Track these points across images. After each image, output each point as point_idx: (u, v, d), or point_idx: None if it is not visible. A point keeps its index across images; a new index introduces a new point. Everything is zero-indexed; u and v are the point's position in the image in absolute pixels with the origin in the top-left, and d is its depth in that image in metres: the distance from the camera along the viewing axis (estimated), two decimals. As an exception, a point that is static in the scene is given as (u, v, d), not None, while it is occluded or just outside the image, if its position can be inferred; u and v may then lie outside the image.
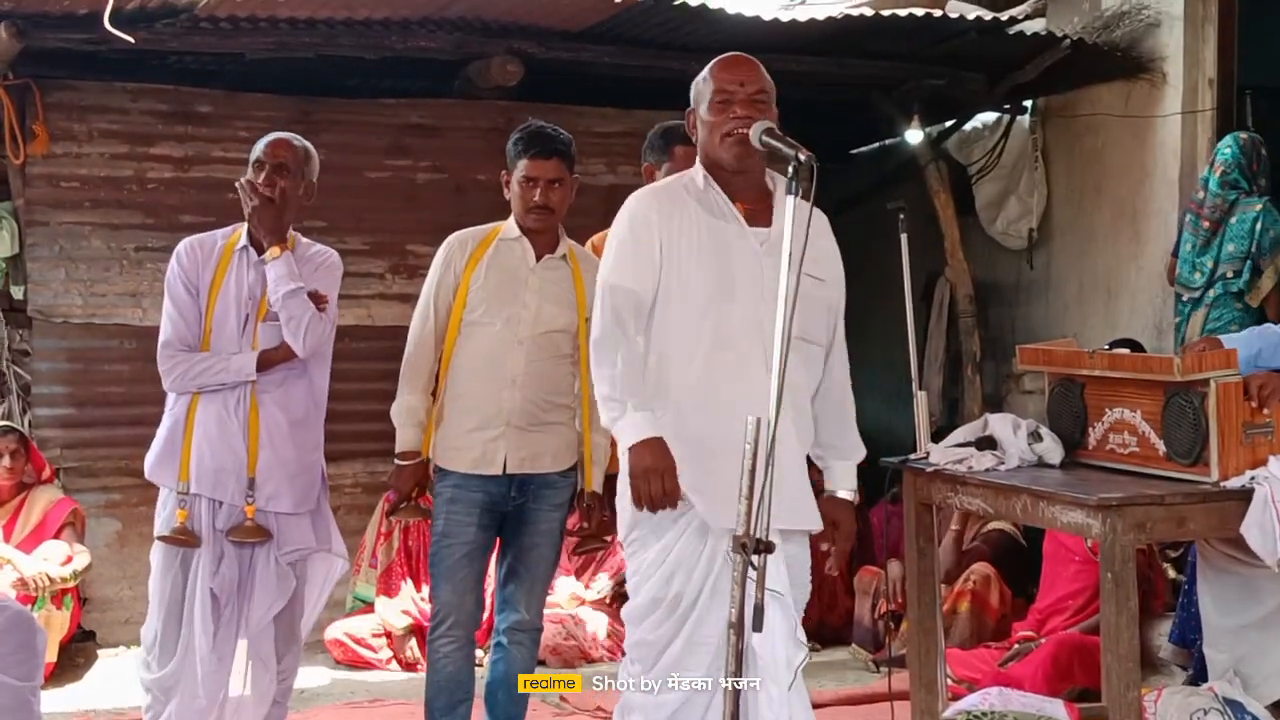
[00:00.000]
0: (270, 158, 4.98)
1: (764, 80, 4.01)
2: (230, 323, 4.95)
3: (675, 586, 3.94)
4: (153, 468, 5.01)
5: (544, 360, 4.99)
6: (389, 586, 7.48)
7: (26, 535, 7.04)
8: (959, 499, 4.99)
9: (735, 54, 4.08)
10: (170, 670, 4.87)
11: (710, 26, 7.41)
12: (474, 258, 5.00)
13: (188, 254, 5.00)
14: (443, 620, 5.01)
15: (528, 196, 4.95)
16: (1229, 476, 4.48)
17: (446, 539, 4.99)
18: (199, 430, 4.92)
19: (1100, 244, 8.58)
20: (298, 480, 5.01)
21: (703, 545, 3.92)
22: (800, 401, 4.01)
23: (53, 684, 6.59)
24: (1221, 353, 4.62)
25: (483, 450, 4.96)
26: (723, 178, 4.02)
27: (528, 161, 4.94)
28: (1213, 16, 7.92)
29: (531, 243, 5.02)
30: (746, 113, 3.92)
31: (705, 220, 3.98)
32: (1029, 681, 6.33)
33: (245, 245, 5.00)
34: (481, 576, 5.11)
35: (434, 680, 5.04)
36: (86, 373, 7.51)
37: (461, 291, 4.99)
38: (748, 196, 4.02)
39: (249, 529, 4.92)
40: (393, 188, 8.13)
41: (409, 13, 7.18)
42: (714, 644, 3.88)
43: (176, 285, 4.97)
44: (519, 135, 5.02)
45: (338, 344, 7.73)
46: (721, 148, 3.96)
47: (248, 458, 4.92)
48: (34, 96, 7.40)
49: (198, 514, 4.90)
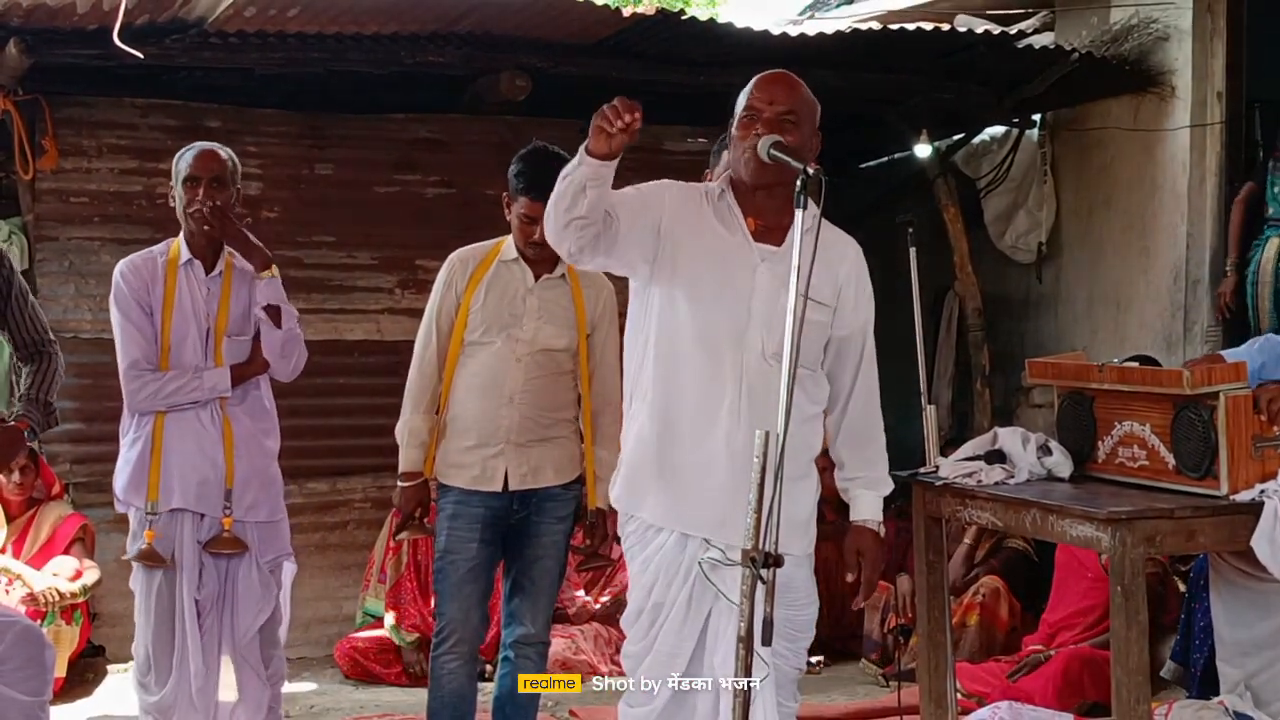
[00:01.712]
0: (205, 171, 4.95)
1: (796, 100, 3.94)
2: (190, 339, 4.96)
3: (655, 596, 3.94)
4: (125, 491, 5.02)
5: (543, 377, 4.99)
6: (398, 601, 7.48)
7: (36, 551, 7.05)
8: (968, 513, 4.98)
9: (775, 72, 4.01)
10: (168, 691, 4.89)
11: (719, 41, 7.42)
12: (474, 278, 5.01)
13: (133, 274, 4.99)
14: (447, 637, 5.01)
15: (527, 234, 4.93)
16: (1239, 490, 4.47)
17: (449, 555, 5.00)
18: (173, 448, 4.93)
19: (1109, 257, 8.58)
20: (270, 488, 5.09)
21: (682, 555, 3.91)
22: None
23: (62, 699, 6.59)
24: (1230, 366, 4.62)
25: (482, 467, 4.97)
26: (743, 193, 3.99)
27: (528, 201, 4.89)
28: (1221, 30, 7.93)
29: (530, 265, 5.02)
30: (769, 131, 3.86)
31: (711, 226, 3.97)
32: (1039, 695, 6.32)
33: (189, 260, 4.99)
34: (487, 592, 5.10)
35: (437, 696, 5.04)
36: (96, 388, 7.50)
37: (462, 312, 5.00)
38: (765, 214, 3.96)
39: (227, 540, 4.96)
40: (401, 203, 8.15)
41: (418, 28, 7.19)
42: (688, 654, 3.88)
43: (130, 305, 4.96)
44: (520, 167, 4.97)
45: (346, 358, 7.83)
46: (740, 163, 3.93)
47: (226, 469, 4.96)
48: (43, 112, 7.41)
49: (178, 530, 4.93)
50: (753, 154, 3.85)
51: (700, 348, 3.90)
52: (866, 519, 4.13)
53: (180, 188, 4.97)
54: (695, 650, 3.90)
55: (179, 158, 5.03)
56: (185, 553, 4.92)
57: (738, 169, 3.96)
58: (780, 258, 3.83)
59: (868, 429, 4.16)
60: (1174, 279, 8.05)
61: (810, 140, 3.94)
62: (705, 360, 3.90)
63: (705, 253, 3.94)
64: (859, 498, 4.16)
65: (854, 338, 4.08)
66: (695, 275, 3.91)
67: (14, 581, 6.76)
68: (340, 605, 7.88)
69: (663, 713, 3.93)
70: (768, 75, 4.00)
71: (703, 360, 3.90)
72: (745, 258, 3.94)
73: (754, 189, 3.95)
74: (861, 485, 4.15)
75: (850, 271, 4.07)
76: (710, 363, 3.89)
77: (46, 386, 5.01)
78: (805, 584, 4.08)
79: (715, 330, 3.90)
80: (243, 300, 5.07)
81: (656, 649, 3.93)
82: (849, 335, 4.07)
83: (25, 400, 4.96)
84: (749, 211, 3.97)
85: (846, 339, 4.07)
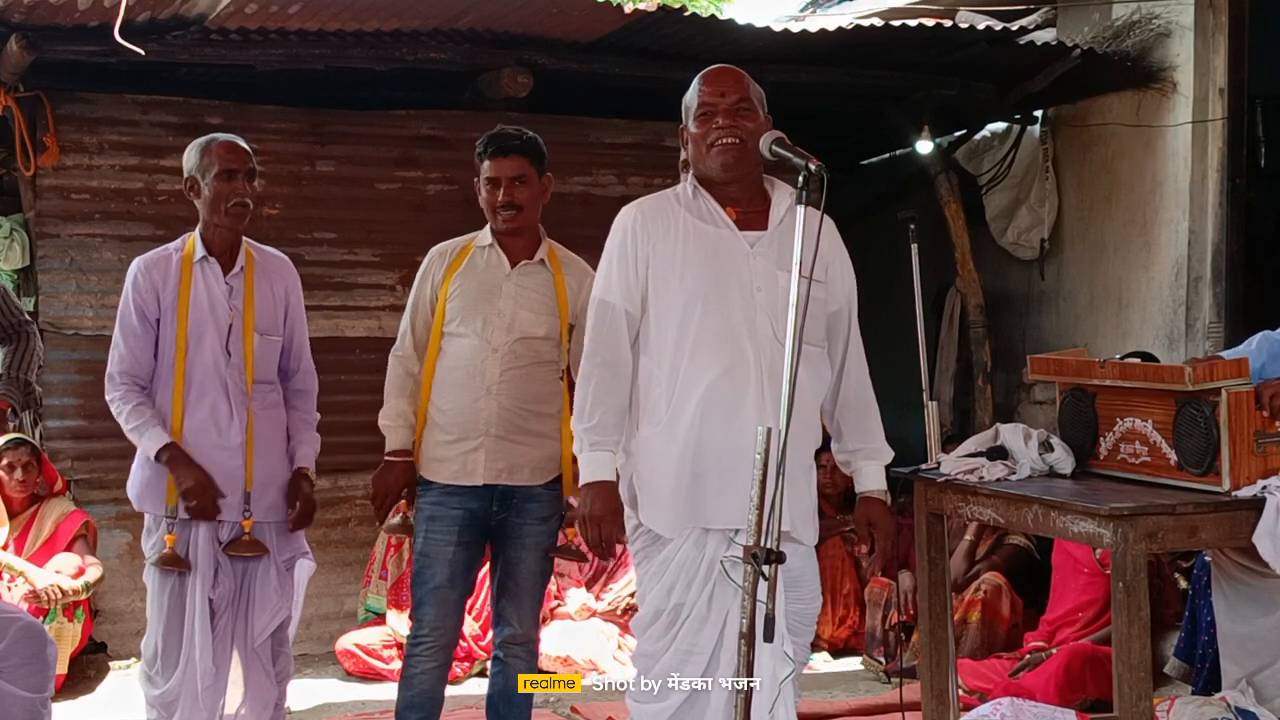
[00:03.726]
0: (241, 164, 4.93)
1: (746, 88, 4.03)
2: (208, 337, 4.90)
3: (675, 598, 3.95)
4: (140, 496, 4.96)
5: (522, 367, 4.95)
6: (399, 598, 7.47)
7: (39, 548, 7.05)
8: (970, 509, 4.98)
9: (718, 66, 4.12)
10: (172, 685, 4.87)
11: (720, 38, 7.42)
12: (451, 268, 4.99)
13: (144, 276, 4.93)
14: (423, 640, 4.98)
15: (492, 198, 4.92)
16: (1240, 486, 4.48)
17: (426, 559, 4.97)
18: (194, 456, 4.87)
19: (1111, 254, 8.57)
20: (285, 489, 5.06)
21: (701, 556, 3.92)
22: (800, 406, 3.82)
23: (64, 696, 6.60)
24: (1232, 362, 4.62)
25: (462, 462, 4.94)
26: (713, 187, 4.05)
27: (489, 163, 4.92)
28: (1223, 26, 7.93)
29: (506, 248, 4.99)
30: (729, 122, 3.96)
31: (694, 226, 4.02)
32: (1040, 692, 6.32)
33: (205, 257, 4.94)
34: (465, 595, 5.06)
35: (406, 695, 5.02)
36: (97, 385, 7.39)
37: (440, 303, 4.97)
38: (741, 202, 4.05)
39: (247, 543, 4.93)
40: (403, 199, 8.15)
41: (419, 24, 7.20)
42: (708, 653, 3.90)
43: (130, 315, 4.91)
44: (480, 140, 4.99)
45: (348, 355, 7.82)
46: (707, 158, 4.00)
47: (245, 471, 4.92)
48: (45, 109, 7.41)
49: (194, 533, 4.89)
50: (725, 147, 3.94)
51: (715, 345, 3.93)
52: (873, 490, 4.19)
53: (212, 180, 4.90)
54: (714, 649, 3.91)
55: (202, 150, 4.95)
56: (201, 555, 4.88)
57: (703, 165, 4.04)
58: (769, 240, 3.94)
59: (863, 399, 4.22)
60: (1176, 275, 8.05)
61: (765, 123, 4.02)
62: (722, 355, 3.93)
63: (695, 254, 3.98)
64: (862, 470, 4.21)
65: (842, 311, 4.16)
66: (693, 277, 3.95)
67: (16, 578, 6.77)
68: (341, 602, 7.87)
69: (678, 710, 3.94)
70: (712, 70, 4.09)
71: (719, 356, 3.93)
72: (736, 248, 3.99)
73: (727, 182, 4.02)
74: (864, 457, 4.21)
75: (831, 245, 4.13)
76: (727, 357, 3.93)
77: (25, 365, 5.02)
78: (813, 578, 4.11)
79: (726, 324, 3.93)
80: (269, 297, 5.03)
81: (675, 647, 3.95)
82: (838, 309, 4.15)
83: (4, 380, 4.98)
84: (725, 202, 4.04)
85: (836, 313, 4.14)
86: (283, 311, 5.09)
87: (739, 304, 3.93)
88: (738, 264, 3.96)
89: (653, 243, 4.01)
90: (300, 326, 5.17)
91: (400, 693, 5.05)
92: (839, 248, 4.18)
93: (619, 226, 4.10)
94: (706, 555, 3.91)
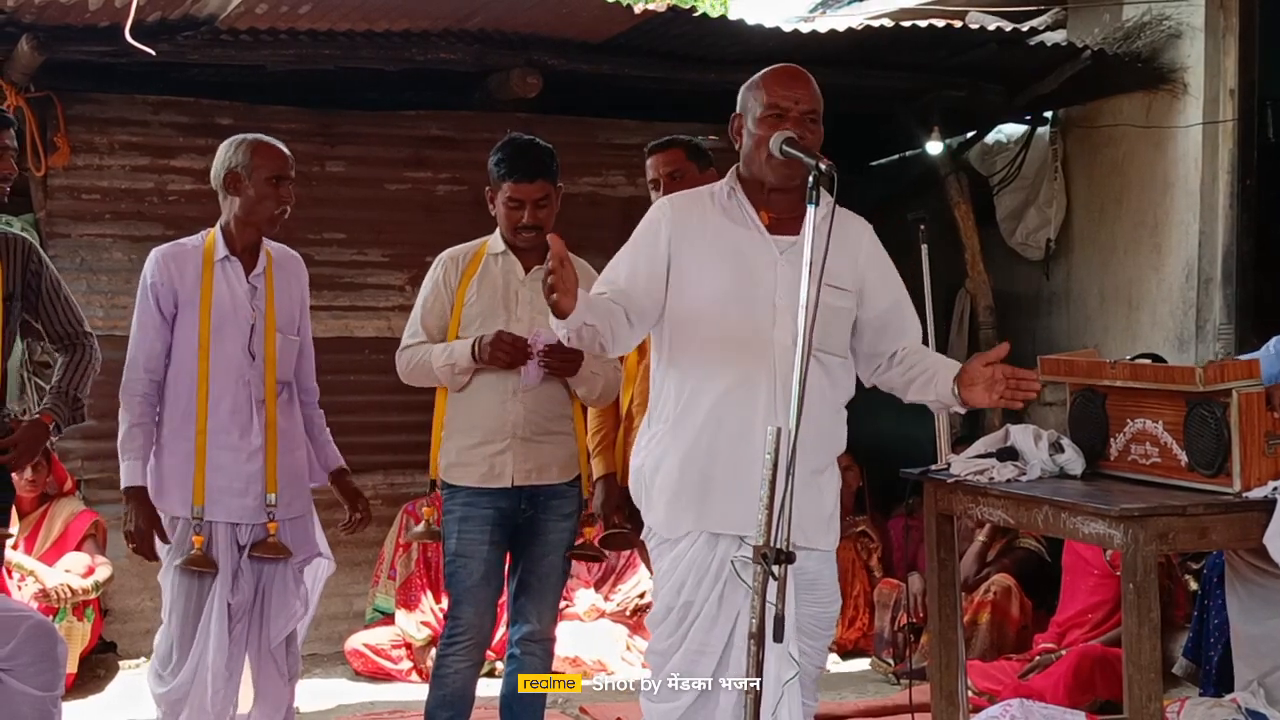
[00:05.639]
0: (290, 170, 4.93)
1: (817, 98, 3.92)
2: (229, 337, 4.86)
3: (685, 595, 3.94)
4: (163, 498, 4.90)
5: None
6: (408, 598, 7.49)
7: (48, 547, 7.07)
8: (980, 510, 4.97)
9: (789, 66, 3.97)
10: (180, 682, 4.83)
11: (730, 38, 7.42)
12: (466, 275, 4.99)
13: (161, 268, 4.86)
14: (458, 638, 4.98)
15: (514, 219, 4.92)
16: (1251, 487, 4.46)
17: (461, 558, 4.96)
18: (213, 459, 4.84)
19: (1121, 255, 8.56)
20: (300, 483, 5.06)
21: (712, 555, 3.91)
22: (813, 414, 3.72)
23: (74, 695, 6.61)
24: (1243, 363, 4.61)
25: (489, 465, 4.94)
26: (756, 189, 3.96)
27: (512, 184, 4.89)
28: (1234, 27, 7.92)
29: (519, 256, 5.00)
30: (799, 132, 3.82)
31: (724, 226, 3.95)
32: (1050, 693, 6.31)
33: (227, 256, 4.90)
34: (497, 594, 5.08)
35: (438, 694, 5.02)
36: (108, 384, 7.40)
37: (457, 309, 4.97)
38: (779, 208, 3.94)
39: (272, 545, 4.90)
40: (413, 200, 8.16)
41: (429, 25, 7.20)
42: (718, 652, 3.89)
43: (150, 308, 4.86)
44: (500, 155, 4.94)
45: (357, 355, 7.83)
46: (767, 165, 3.87)
47: (266, 473, 4.89)
48: (55, 109, 7.43)
49: (214, 534, 4.85)
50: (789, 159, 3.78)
51: (730, 348, 3.89)
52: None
53: (260, 183, 4.84)
54: (724, 649, 3.90)
55: (251, 150, 4.86)
56: (222, 558, 4.85)
57: (760, 169, 3.92)
58: (799, 248, 3.78)
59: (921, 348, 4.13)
60: (1186, 277, 8.04)
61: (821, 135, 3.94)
62: (737, 359, 3.88)
63: (721, 254, 3.93)
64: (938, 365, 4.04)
65: (891, 310, 4.08)
66: (715, 278, 3.90)
67: (26, 577, 6.78)
68: (351, 602, 7.88)
69: (689, 710, 3.93)
70: (786, 70, 3.96)
71: (734, 360, 3.89)
72: (764, 253, 3.93)
73: (776, 189, 3.93)
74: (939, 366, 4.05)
75: (868, 253, 4.07)
76: (742, 361, 3.88)
77: (77, 381, 4.99)
78: (831, 581, 4.09)
79: (744, 328, 3.89)
80: (287, 297, 5.01)
81: (685, 647, 3.93)
82: (886, 309, 4.06)
83: (54, 393, 4.95)
84: (761, 206, 3.95)
85: (885, 312, 4.06)
86: (299, 310, 5.09)
87: (760, 309, 3.87)
88: (763, 268, 3.90)
89: (680, 240, 3.94)
90: (308, 323, 5.18)
91: (432, 691, 5.05)
92: (878, 254, 4.09)
93: (649, 218, 4.04)
94: (718, 554, 3.89)
